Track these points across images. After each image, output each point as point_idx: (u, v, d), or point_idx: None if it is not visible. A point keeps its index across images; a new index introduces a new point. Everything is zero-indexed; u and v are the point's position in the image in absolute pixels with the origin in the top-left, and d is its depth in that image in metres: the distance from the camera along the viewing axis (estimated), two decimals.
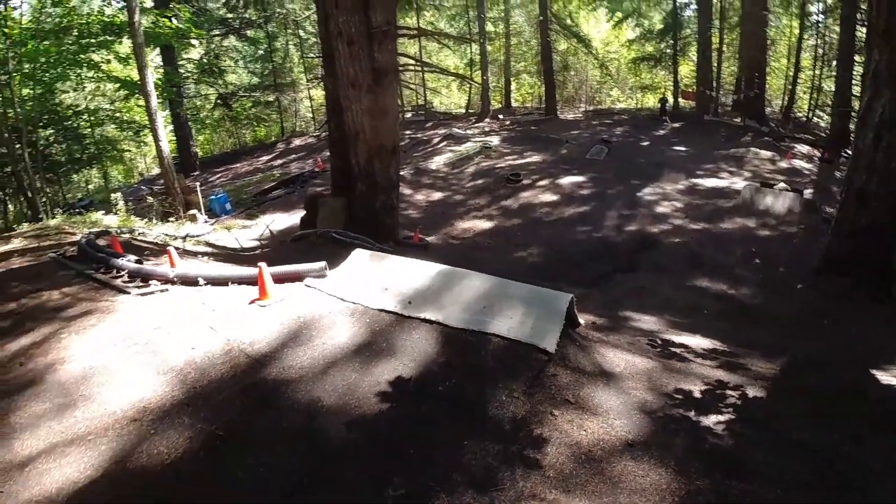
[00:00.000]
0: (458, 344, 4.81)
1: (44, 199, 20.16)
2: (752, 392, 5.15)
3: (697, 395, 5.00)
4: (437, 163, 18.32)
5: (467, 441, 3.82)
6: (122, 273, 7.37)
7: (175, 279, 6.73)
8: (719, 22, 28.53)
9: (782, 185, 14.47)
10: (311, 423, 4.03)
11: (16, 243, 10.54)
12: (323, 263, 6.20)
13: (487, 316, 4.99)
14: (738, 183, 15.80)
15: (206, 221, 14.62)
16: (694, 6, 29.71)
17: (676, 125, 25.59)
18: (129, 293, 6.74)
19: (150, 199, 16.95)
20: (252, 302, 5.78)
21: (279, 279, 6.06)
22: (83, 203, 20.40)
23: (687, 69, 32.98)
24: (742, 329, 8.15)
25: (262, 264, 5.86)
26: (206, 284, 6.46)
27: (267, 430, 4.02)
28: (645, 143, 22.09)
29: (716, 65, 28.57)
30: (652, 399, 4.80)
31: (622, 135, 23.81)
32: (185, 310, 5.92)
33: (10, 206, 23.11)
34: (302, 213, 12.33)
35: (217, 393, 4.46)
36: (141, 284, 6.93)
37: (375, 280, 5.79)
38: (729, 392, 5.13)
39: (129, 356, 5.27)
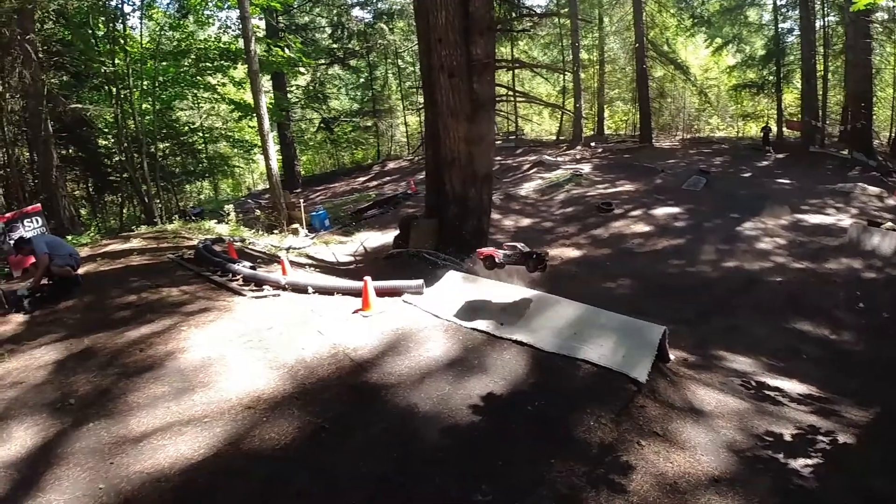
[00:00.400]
0: (548, 367, 5.02)
1: (159, 205, 22.46)
2: (842, 438, 5.00)
3: (788, 438, 4.90)
4: (526, 189, 18.56)
5: (553, 459, 4.02)
6: (238, 277, 8.22)
7: (286, 286, 7.44)
8: (823, 49, 26.92)
9: (889, 224, 13.42)
10: (406, 426, 4.39)
11: (135, 243, 11.87)
12: (420, 281, 6.64)
13: (578, 342, 5.17)
14: (845, 220, 14.81)
15: (306, 235, 15.73)
16: (797, 32, 28.23)
17: (780, 156, 24.25)
18: (244, 295, 7.53)
19: (257, 212, 18.50)
20: (355, 312, 6.31)
21: (380, 293, 6.56)
22: (196, 211, 22.48)
23: (791, 97, 31.25)
24: (841, 375, 7.75)
25: (368, 278, 6.39)
26: (314, 293, 7.10)
27: (367, 427, 4.43)
28: (746, 175, 21.14)
29: (821, 93, 26.89)
30: (741, 439, 4.76)
31: (721, 165, 22.92)
32: (295, 314, 6.56)
33: (125, 210, 25.86)
34: (395, 232, 13.00)
35: (324, 390, 4.96)
36: (255, 288, 7.71)
37: (468, 301, 6.13)
38: (820, 437, 5.00)
39: (244, 351, 5.92)
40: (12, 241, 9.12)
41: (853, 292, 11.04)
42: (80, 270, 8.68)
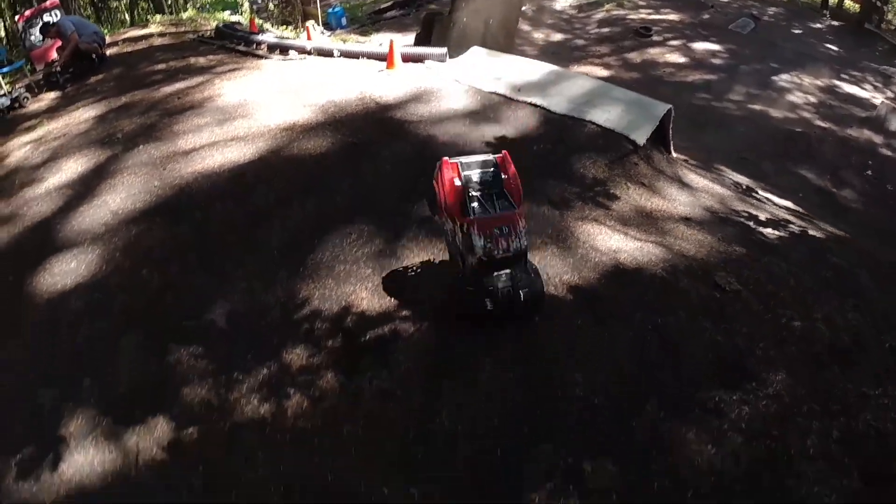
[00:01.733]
0: (557, 124, 5.71)
1: (168, 3, 21.90)
2: (812, 232, 5.80)
3: (762, 218, 5.73)
4: (562, 3, 18.04)
5: (552, 181, 4.89)
6: (262, 46, 8.67)
7: (312, 51, 7.93)
8: None
9: None
10: (426, 149, 5.21)
11: (153, 28, 12.08)
12: (444, 49, 7.12)
13: (588, 108, 5.81)
14: (878, 98, 14.90)
15: (322, 33, 15.68)
16: None
17: (835, 23, 23.15)
18: (271, 58, 8.06)
19: (270, 6, 18.20)
20: (380, 71, 6.89)
21: (405, 58, 7.06)
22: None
23: None
24: (832, 218, 8.49)
25: (393, 39, 6.88)
26: (340, 56, 7.61)
27: (392, 147, 5.26)
28: (796, 31, 20.37)
29: None
30: (718, 207, 5.60)
31: (774, 15, 21.90)
32: (322, 71, 7.16)
33: (134, 14, 25.18)
34: (415, 33, 13.06)
35: (352, 121, 5.74)
36: (280, 55, 8.22)
37: (490, 71, 6.66)
38: (791, 226, 5.81)
39: (277, 96, 6.63)
40: (34, 35, 9.43)
41: (866, 160, 11.59)
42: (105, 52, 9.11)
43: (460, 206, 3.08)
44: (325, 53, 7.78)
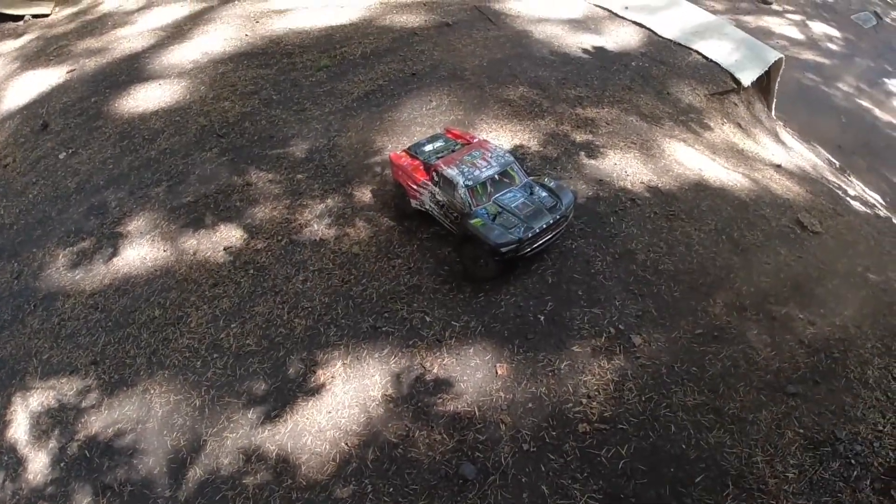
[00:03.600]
0: (660, 46, 5.38)
1: None
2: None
3: (850, 192, 5.40)
4: None
5: (644, 96, 4.66)
6: None
7: None
8: None
9: None
10: (521, 40, 5.05)
11: None
12: None
13: (697, 39, 5.46)
14: None
15: None
16: None
17: None
18: None
19: None
20: None
21: None
22: None
23: None
24: None
25: None
26: None
27: (485, 33, 5.11)
28: None
29: None
30: (809, 169, 5.29)
31: None
32: None
33: None
34: None
35: (449, 5, 5.57)
36: None
37: None
38: (878, 209, 5.51)
39: None
40: None
41: None
42: None
43: (425, 169, 3.11)
44: None
